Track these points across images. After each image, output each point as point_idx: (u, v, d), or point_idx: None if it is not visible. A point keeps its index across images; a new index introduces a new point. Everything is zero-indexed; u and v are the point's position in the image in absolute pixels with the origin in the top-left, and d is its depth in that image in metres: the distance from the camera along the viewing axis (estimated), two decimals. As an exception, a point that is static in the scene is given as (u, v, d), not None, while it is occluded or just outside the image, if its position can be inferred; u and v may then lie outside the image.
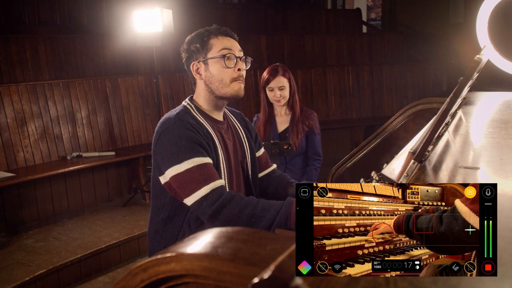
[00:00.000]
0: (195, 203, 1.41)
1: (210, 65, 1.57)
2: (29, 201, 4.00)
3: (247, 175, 1.69)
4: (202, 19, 6.44)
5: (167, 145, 1.45)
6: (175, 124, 1.47)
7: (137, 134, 4.87)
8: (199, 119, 1.56)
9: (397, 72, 6.33)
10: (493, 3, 1.98)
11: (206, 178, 1.41)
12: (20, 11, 5.25)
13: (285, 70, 2.75)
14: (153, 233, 1.60)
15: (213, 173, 1.44)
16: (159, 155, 1.49)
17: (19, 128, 4.05)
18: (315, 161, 2.84)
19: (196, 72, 1.60)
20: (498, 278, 0.55)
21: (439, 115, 1.17)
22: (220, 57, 1.55)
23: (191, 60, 1.62)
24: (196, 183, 1.41)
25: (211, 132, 1.54)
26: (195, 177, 1.41)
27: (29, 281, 2.99)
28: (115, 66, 5.25)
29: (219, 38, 1.58)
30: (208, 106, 1.61)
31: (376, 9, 11.79)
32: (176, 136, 1.45)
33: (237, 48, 1.60)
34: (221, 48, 1.56)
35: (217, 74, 1.56)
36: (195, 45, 1.60)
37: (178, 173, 1.42)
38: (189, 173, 1.41)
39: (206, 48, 1.57)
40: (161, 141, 1.48)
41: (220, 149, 1.54)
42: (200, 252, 0.57)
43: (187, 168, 1.41)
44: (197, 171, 1.41)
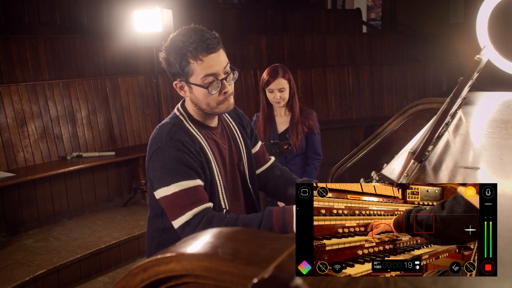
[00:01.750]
0: (179, 228, 1.42)
1: (193, 89, 1.48)
2: (29, 201, 4.00)
3: (244, 176, 1.67)
4: (202, 19, 6.44)
5: (158, 166, 1.44)
6: (166, 145, 1.44)
7: (137, 134, 4.87)
8: (192, 131, 1.51)
9: (397, 72, 6.33)
10: (493, 3, 1.98)
11: (191, 203, 1.40)
12: (20, 11, 5.25)
13: (285, 72, 2.73)
14: (150, 240, 1.60)
15: (199, 198, 1.42)
16: (151, 172, 1.48)
17: (19, 128, 4.05)
18: (315, 160, 2.84)
19: (181, 89, 1.52)
20: (498, 278, 0.55)
21: (439, 115, 1.17)
22: (204, 86, 1.44)
23: (174, 76, 1.51)
24: (180, 208, 1.40)
25: (204, 146, 1.50)
26: (181, 202, 1.40)
27: (29, 281, 2.99)
28: (115, 66, 5.25)
29: (199, 61, 1.42)
30: (200, 117, 1.56)
31: (376, 9, 11.79)
32: (166, 158, 1.42)
33: (221, 66, 1.45)
34: (203, 75, 1.43)
35: (202, 99, 1.48)
36: (174, 65, 1.46)
37: (166, 195, 1.42)
38: (175, 197, 1.41)
39: (187, 72, 1.45)
40: (153, 160, 1.46)
41: (213, 162, 1.51)
42: (200, 252, 0.57)
43: (174, 191, 1.41)
44: (183, 195, 1.40)
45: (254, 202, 1.68)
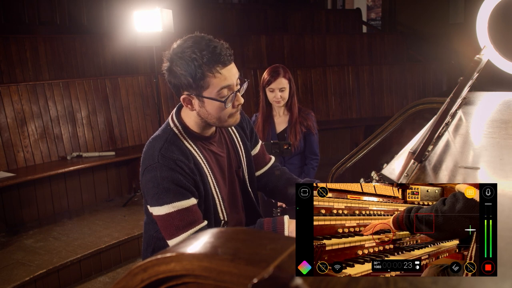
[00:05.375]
0: None
1: (206, 103, 1.39)
2: (29, 201, 4.00)
3: (243, 182, 1.64)
4: (202, 19, 6.45)
5: (150, 184, 1.40)
6: (159, 163, 1.38)
7: (137, 134, 4.87)
8: (187, 146, 1.45)
9: (397, 72, 6.33)
10: (493, 3, 1.98)
11: (186, 225, 1.38)
12: (20, 11, 5.25)
13: (285, 72, 2.76)
14: (146, 245, 1.59)
15: (193, 219, 1.40)
16: (144, 187, 1.45)
17: (19, 128, 4.05)
18: (313, 160, 2.86)
19: (188, 103, 1.42)
20: (498, 278, 0.55)
21: (439, 115, 1.17)
22: (220, 99, 1.38)
23: (180, 90, 1.41)
24: (175, 229, 1.38)
25: (200, 162, 1.45)
26: (175, 223, 1.38)
27: (29, 281, 2.99)
28: (115, 66, 5.26)
29: (216, 74, 1.35)
30: (199, 129, 1.49)
31: (376, 9, 11.79)
32: (158, 177, 1.38)
33: (235, 77, 1.40)
34: (220, 88, 1.37)
35: (214, 113, 1.41)
36: (185, 78, 1.36)
37: (159, 215, 1.40)
38: (169, 217, 1.39)
39: (202, 85, 1.36)
40: (145, 177, 1.42)
41: (210, 176, 1.48)
42: (200, 252, 0.57)
43: (168, 212, 1.38)
44: (177, 217, 1.38)
45: (254, 206, 1.66)
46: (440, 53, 7.02)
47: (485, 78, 2.17)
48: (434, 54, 7.11)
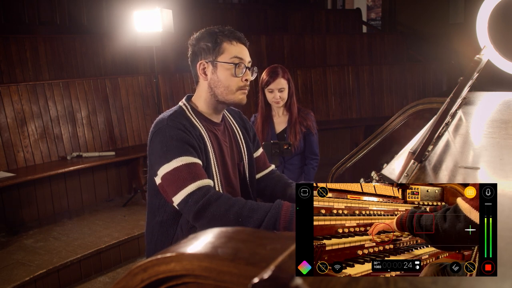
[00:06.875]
0: (182, 201, 1.40)
1: (218, 69, 1.54)
2: (29, 201, 4.00)
3: (244, 177, 1.67)
4: (202, 19, 6.44)
5: (159, 145, 1.45)
6: (167, 125, 1.47)
7: (137, 134, 4.87)
8: (193, 120, 1.54)
9: (397, 72, 6.33)
10: (493, 3, 1.98)
11: (194, 176, 1.40)
12: (20, 11, 5.25)
13: (284, 72, 2.76)
14: (150, 235, 1.60)
15: (201, 173, 1.43)
16: (152, 156, 1.49)
17: (19, 128, 4.05)
18: (312, 160, 2.86)
19: (202, 71, 1.56)
20: (498, 278, 0.55)
21: (439, 115, 1.17)
22: (231, 64, 1.53)
23: (198, 58, 1.56)
24: (183, 180, 1.40)
25: (203, 135, 1.52)
26: (183, 175, 1.40)
27: (29, 281, 2.99)
28: (115, 66, 5.26)
29: (233, 44, 1.54)
30: (208, 109, 1.59)
31: (376, 9, 11.79)
32: (167, 136, 1.45)
33: (247, 58, 1.58)
34: (233, 56, 1.53)
35: (224, 80, 1.54)
36: (206, 44, 1.54)
37: (167, 171, 1.42)
38: (177, 171, 1.41)
39: (218, 50, 1.53)
40: (154, 141, 1.48)
41: (211, 152, 1.53)
42: (200, 252, 0.57)
43: (176, 166, 1.41)
44: (185, 169, 1.41)
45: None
46: (440, 53, 7.02)
47: (485, 78, 2.17)
48: (434, 54, 7.11)
